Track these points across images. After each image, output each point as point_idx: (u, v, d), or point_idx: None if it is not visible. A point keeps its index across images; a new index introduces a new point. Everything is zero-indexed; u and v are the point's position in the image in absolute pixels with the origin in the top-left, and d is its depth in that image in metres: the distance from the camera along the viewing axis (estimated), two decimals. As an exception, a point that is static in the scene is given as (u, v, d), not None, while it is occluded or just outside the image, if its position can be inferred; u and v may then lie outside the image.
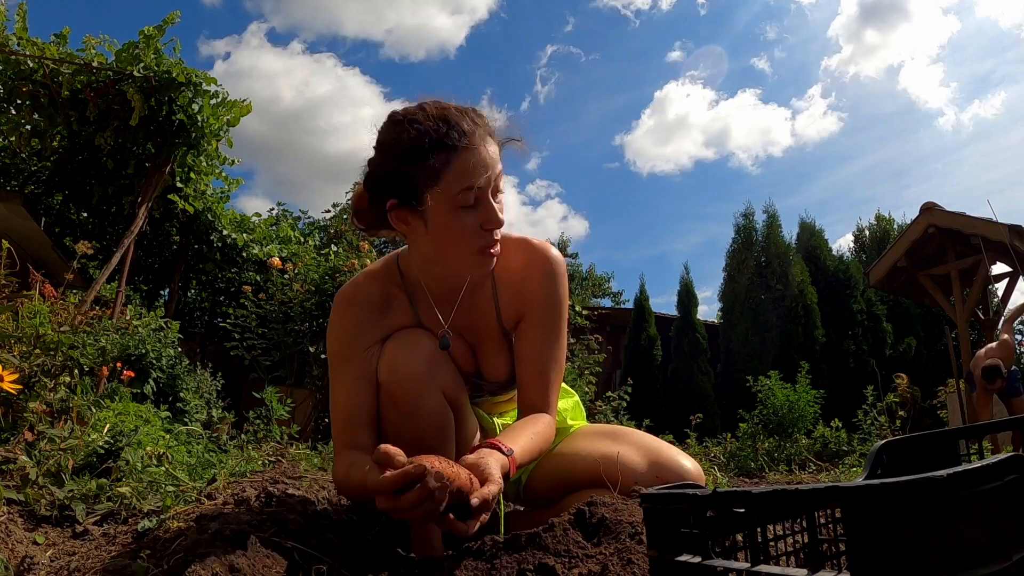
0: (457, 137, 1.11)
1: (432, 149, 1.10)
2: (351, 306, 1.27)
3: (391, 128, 1.16)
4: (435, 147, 1.10)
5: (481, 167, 1.12)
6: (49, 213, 7.17)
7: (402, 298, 1.29)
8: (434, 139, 1.11)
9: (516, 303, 1.31)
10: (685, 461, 1.26)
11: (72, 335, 2.62)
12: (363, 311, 1.25)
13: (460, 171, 1.11)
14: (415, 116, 1.13)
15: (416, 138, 1.11)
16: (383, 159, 1.16)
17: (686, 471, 1.24)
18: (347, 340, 1.24)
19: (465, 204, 1.12)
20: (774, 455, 5.01)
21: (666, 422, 7.10)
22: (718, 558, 0.68)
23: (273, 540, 1.14)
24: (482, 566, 1.04)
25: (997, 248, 6.13)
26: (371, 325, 1.25)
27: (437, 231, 1.15)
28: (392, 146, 1.14)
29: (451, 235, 1.15)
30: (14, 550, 1.27)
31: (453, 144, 1.10)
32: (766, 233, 12.31)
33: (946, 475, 0.52)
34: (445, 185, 1.11)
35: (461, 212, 1.13)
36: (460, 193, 1.11)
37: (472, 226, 1.14)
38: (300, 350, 5.03)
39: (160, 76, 5.43)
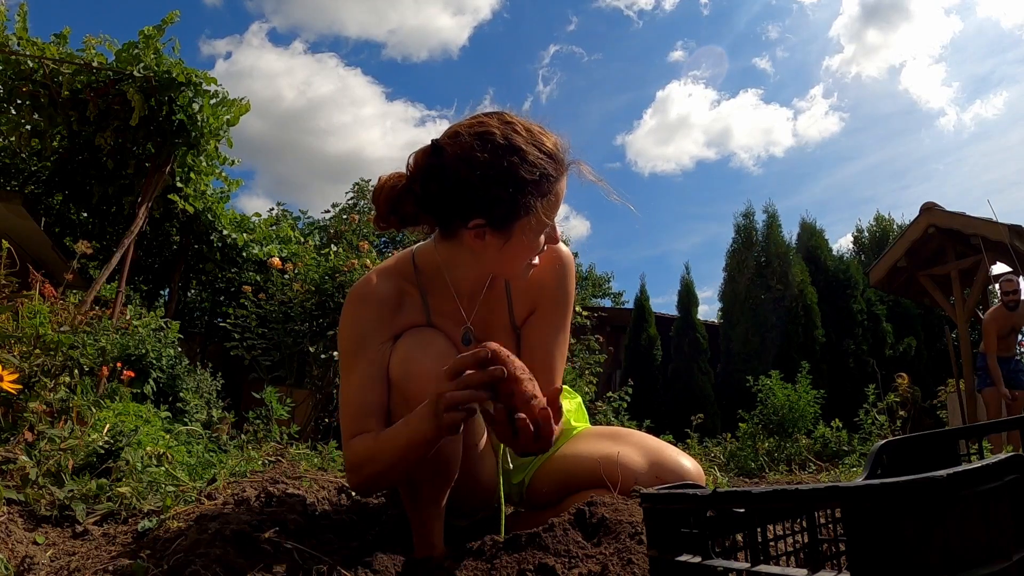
0: (561, 175, 1.17)
1: (543, 185, 1.14)
2: (365, 303, 1.27)
3: (503, 156, 1.12)
4: (544, 183, 1.14)
5: (559, 198, 1.19)
6: (49, 213, 7.17)
7: (414, 294, 1.30)
8: (546, 175, 1.14)
9: (527, 298, 1.35)
10: (685, 461, 1.27)
11: (72, 335, 2.62)
12: (377, 308, 1.26)
13: (555, 203, 1.18)
14: (531, 145, 1.14)
15: (534, 174, 1.12)
16: (486, 185, 1.12)
17: (686, 471, 1.25)
18: (360, 336, 1.24)
19: (545, 228, 1.19)
20: (774, 455, 5.01)
21: (666, 422, 7.10)
22: (718, 558, 0.68)
23: (273, 540, 1.14)
24: (482, 566, 1.04)
25: (997, 248, 6.13)
26: (384, 322, 1.25)
27: (511, 250, 1.19)
28: (504, 177, 1.12)
29: (519, 254, 1.20)
30: (14, 550, 1.27)
31: (556, 177, 1.16)
32: (766, 233, 12.31)
33: (946, 475, 0.52)
34: (541, 215, 1.16)
35: (538, 235, 1.19)
36: (547, 222, 1.18)
37: (536, 246, 1.21)
38: (300, 350, 5.03)
39: (160, 76, 5.42)
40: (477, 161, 1.11)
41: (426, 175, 1.16)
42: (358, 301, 1.27)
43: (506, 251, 1.18)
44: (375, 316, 1.25)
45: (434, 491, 1.23)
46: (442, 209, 1.18)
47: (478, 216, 1.14)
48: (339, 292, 5.03)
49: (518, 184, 1.12)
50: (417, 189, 1.18)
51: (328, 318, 5.01)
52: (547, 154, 1.15)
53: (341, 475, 2.07)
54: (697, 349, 11.87)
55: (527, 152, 1.12)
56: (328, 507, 1.45)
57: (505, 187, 1.12)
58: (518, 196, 1.12)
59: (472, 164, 1.12)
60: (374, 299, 1.26)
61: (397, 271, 1.31)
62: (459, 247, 1.23)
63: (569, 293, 1.37)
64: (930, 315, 11.68)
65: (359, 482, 1.19)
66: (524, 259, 1.21)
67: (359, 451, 1.17)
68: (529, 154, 1.12)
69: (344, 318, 1.28)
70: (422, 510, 1.24)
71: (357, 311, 1.26)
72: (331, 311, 5.03)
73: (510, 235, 1.16)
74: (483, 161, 1.11)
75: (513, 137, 1.13)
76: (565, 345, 1.37)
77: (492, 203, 1.13)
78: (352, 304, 1.28)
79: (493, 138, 1.12)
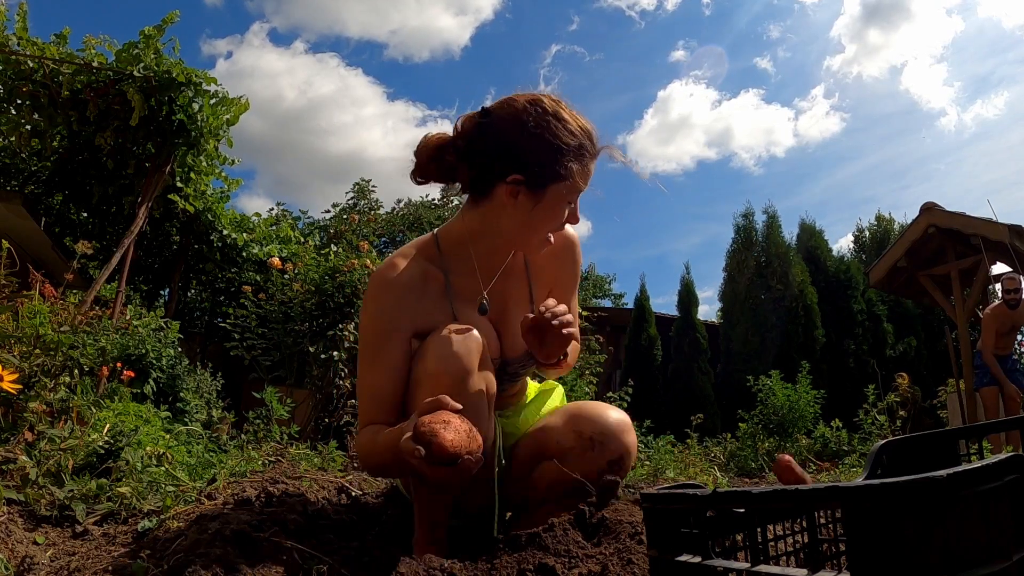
0: (595, 153, 1.27)
1: (581, 155, 1.24)
2: (388, 289, 1.29)
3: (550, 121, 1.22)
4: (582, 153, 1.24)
5: (589, 175, 1.29)
6: (49, 213, 7.16)
7: (437, 276, 1.34)
8: (584, 146, 1.25)
9: (545, 275, 1.45)
10: (609, 412, 1.33)
11: (72, 335, 2.62)
12: (400, 295, 1.28)
13: (584, 177, 1.27)
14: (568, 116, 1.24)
15: (575, 141, 1.23)
16: (535, 139, 1.21)
17: (605, 419, 1.30)
18: (383, 323, 1.26)
19: (571, 201, 1.28)
20: (774, 455, 5.01)
21: (666, 422, 7.10)
22: (718, 558, 0.68)
23: (273, 540, 1.14)
24: (482, 566, 1.04)
25: (997, 248, 6.12)
26: (406, 310, 1.27)
27: (540, 215, 1.26)
28: (549, 138, 1.22)
29: (545, 221, 1.27)
30: (14, 550, 1.27)
31: (591, 156, 1.27)
32: (766, 233, 12.31)
33: (946, 475, 0.52)
34: (571, 184, 1.24)
35: (565, 207, 1.28)
36: (574, 195, 1.27)
37: (561, 219, 1.29)
38: (300, 350, 5.03)
39: (160, 76, 5.42)
40: (524, 121, 1.21)
41: (473, 132, 1.26)
42: (382, 287, 1.29)
43: (535, 214, 1.25)
44: (398, 305, 1.27)
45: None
46: (483, 163, 1.25)
47: (517, 172, 1.22)
48: (339, 292, 5.03)
49: (559, 147, 1.21)
50: (460, 144, 1.27)
51: (328, 318, 5.01)
52: (586, 129, 1.26)
53: (341, 475, 2.07)
54: (697, 349, 11.87)
55: (570, 121, 1.23)
56: (328, 507, 1.45)
57: (547, 148, 1.21)
58: (558, 157, 1.21)
59: (519, 123, 1.22)
60: (398, 286, 1.28)
61: (420, 252, 1.35)
62: (488, 210, 1.29)
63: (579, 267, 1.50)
64: (930, 315, 11.67)
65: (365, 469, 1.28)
66: (547, 228, 1.28)
67: (363, 443, 1.23)
68: (571, 123, 1.23)
69: (367, 304, 1.31)
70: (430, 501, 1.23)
71: (380, 299, 1.29)
72: (331, 311, 5.03)
73: (542, 197, 1.24)
74: (530, 122, 1.21)
75: (560, 107, 1.24)
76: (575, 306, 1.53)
77: (533, 161, 1.22)
78: (375, 290, 1.30)
79: (542, 104, 1.23)
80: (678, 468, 3.55)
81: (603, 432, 1.27)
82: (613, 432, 1.28)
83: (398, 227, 16.76)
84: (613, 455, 1.27)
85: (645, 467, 3.39)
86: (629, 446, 1.30)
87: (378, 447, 1.17)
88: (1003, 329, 5.47)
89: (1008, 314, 5.44)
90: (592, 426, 1.28)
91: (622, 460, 1.28)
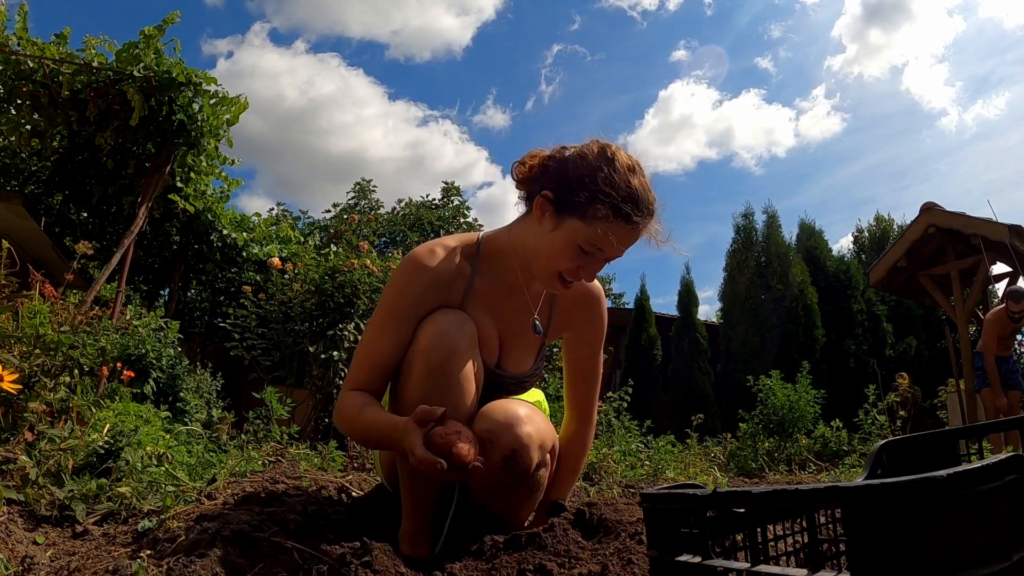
0: (631, 216, 1.26)
1: (614, 207, 1.24)
2: (420, 273, 1.33)
3: (606, 161, 1.28)
4: (616, 207, 1.24)
5: (623, 243, 1.28)
6: (49, 213, 7.15)
7: (466, 272, 1.38)
8: (617, 203, 1.25)
9: (567, 317, 1.50)
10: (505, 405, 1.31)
11: (72, 335, 2.62)
12: (429, 280, 1.33)
13: (608, 234, 1.25)
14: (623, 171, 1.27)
15: (615, 193, 1.25)
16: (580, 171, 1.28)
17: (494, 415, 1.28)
18: (405, 302, 1.31)
19: (585, 250, 1.27)
20: (774, 455, 5.01)
21: (666, 422, 7.10)
22: (718, 558, 0.68)
23: (273, 540, 1.14)
24: (482, 566, 1.04)
25: (997, 248, 6.12)
26: (429, 296, 1.32)
27: (551, 242, 1.29)
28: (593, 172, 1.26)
29: (553, 253, 1.29)
30: (14, 550, 1.27)
31: (625, 217, 1.25)
32: (766, 233, 12.31)
33: (946, 475, 0.52)
34: (590, 229, 1.25)
35: (577, 250, 1.27)
36: (591, 244, 1.26)
37: (572, 262, 1.29)
38: (300, 350, 5.03)
39: (160, 76, 5.42)
40: (585, 155, 1.29)
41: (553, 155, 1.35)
42: (416, 269, 1.34)
43: (551, 239, 1.29)
44: (424, 291, 1.32)
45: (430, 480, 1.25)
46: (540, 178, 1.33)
47: (553, 189, 1.29)
48: (339, 292, 5.03)
49: (597, 188, 1.25)
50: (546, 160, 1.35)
51: (328, 318, 5.01)
52: (632, 189, 1.26)
53: (341, 475, 2.07)
54: (697, 349, 11.86)
55: (619, 174, 1.26)
56: (328, 507, 1.45)
57: (587, 182, 1.26)
58: (591, 195, 1.25)
59: (582, 156, 1.30)
60: (431, 273, 1.33)
61: (461, 248, 1.40)
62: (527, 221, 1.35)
63: (605, 324, 1.54)
64: (930, 315, 11.67)
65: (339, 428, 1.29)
66: (555, 260, 1.29)
67: (347, 407, 1.26)
68: (619, 176, 1.26)
69: (396, 278, 1.35)
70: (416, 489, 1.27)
71: (411, 278, 1.33)
72: (331, 311, 5.02)
73: (560, 224, 1.27)
74: (586, 160, 1.28)
75: (618, 159, 1.28)
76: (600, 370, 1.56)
77: (569, 187, 1.27)
78: (409, 269, 1.34)
79: (606, 152, 1.29)
80: (678, 468, 3.55)
81: (490, 430, 1.24)
82: (501, 427, 1.25)
83: (399, 227, 16.76)
84: (505, 451, 1.23)
85: (645, 467, 3.39)
86: (522, 438, 1.25)
87: (363, 422, 1.22)
88: (1004, 332, 5.46)
89: (1010, 322, 5.44)
90: (483, 423, 1.26)
91: (516, 454, 1.24)
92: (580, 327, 1.51)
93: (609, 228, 1.25)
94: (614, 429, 4.71)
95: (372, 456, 2.68)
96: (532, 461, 1.27)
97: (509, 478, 1.26)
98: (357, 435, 1.29)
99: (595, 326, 1.52)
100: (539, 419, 1.35)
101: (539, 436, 1.30)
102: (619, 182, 1.25)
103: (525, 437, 1.26)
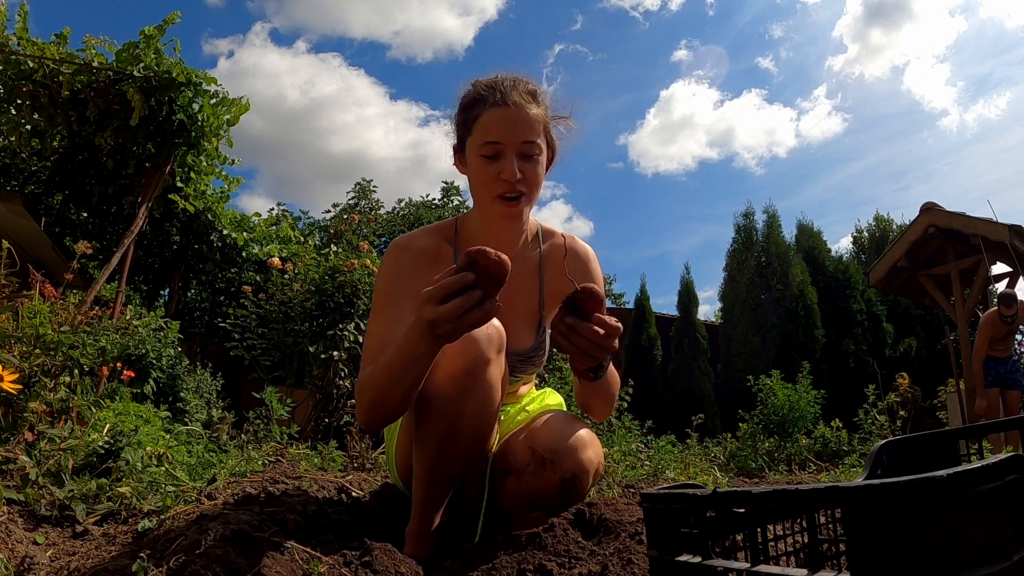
0: (488, 95, 1.30)
1: (471, 104, 1.32)
2: (405, 251, 1.39)
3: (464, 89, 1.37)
4: (473, 102, 1.32)
5: (505, 124, 1.28)
6: (49, 213, 7.15)
7: (448, 252, 1.41)
8: (473, 96, 1.33)
9: (559, 279, 1.45)
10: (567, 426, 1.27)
11: (72, 335, 2.62)
12: (414, 257, 1.37)
13: (485, 124, 1.29)
14: (477, 80, 1.35)
15: (465, 95, 1.35)
16: (456, 111, 1.38)
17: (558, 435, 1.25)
18: (396, 281, 1.35)
19: (485, 154, 1.29)
20: (774, 455, 5.01)
21: (666, 422, 7.10)
22: (718, 558, 0.68)
23: (273, 540, 1.14)
24: (482, 566, 1.04)
25: (997, 248, 6.13)
26: (420, 270, 1.35)
27: (470, 175, 1.35)
28: (460, 102, 1.37)
29: (476, 179, 1.33)
30: (14, 550, 1.27)
31: (484, 100, 1.30)
32: (766, 233, 12.32)
33: (946, 475, 0.52)
34: (475, 135, 1.31)
35: (485, 161, 1.30)
36: (483, 144, 1.29)
37: (491, 174, 1.30)
38: (300, 350, 5.03)
39: (160, 76, 5.42)
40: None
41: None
42: (399, 249, 1.40)
43: (469, 173, 1.35)
44: (412, 264, 1.36)
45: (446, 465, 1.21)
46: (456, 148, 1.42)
47: (455, 142, 1.39)
48: (339, 292, 5.03)
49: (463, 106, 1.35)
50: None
51: (328, 318, 5.01)
52: (491, 80, 1.33)
53: (341, 475, 2.07)
54: (697, 349, 11.87)
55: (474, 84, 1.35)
56: (328, 507, 1.45)
57: (459, 111, 1.36)
58: (463, 114, 1.34)
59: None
60: (414, 248, 1.39)
61: (438, 230, 1.45)
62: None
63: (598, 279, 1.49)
64: (930, 315, 11.68)
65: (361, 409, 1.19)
66: (484, 189, 1.32)
67: (363, 378, 1.21)
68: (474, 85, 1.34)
69: (384, 263, 1.39)
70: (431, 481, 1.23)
71: (397, 258, 1.38)
72: (331, 311, 5.03)
73: (465, 157, 1.35)
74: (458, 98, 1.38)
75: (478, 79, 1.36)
76: None
77: (455, 128, 1.37)
78: (393, 252, 1.40)
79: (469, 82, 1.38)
80: (678, 468, 3.55)
81: (555, 450, 1.22)
82: (566, 449, 1.22)
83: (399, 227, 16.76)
84: (565, 474, 1.21)
85: (645, 467, 3.39)
86: (584, 463, 1.22)
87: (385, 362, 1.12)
88: (998, 335, 5.45)
89: (1003, 325, 5.44)
90: (545, 442, 1.23)
91: (575, 479, 1.22)
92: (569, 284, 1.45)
93: (487, 121, 1.29)
94: (614, 429, 4.71)
95: (374, 456, 2.68)
96: (588, 486, 1.26)
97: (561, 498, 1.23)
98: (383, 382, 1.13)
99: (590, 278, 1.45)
100: (597, 441, 1.32)
101: (598, 460, 1.28)
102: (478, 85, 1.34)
103: (587, 462, 1.23)
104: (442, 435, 1.18)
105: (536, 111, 1.31)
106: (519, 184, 1.30)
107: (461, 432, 1.18)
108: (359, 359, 5.21)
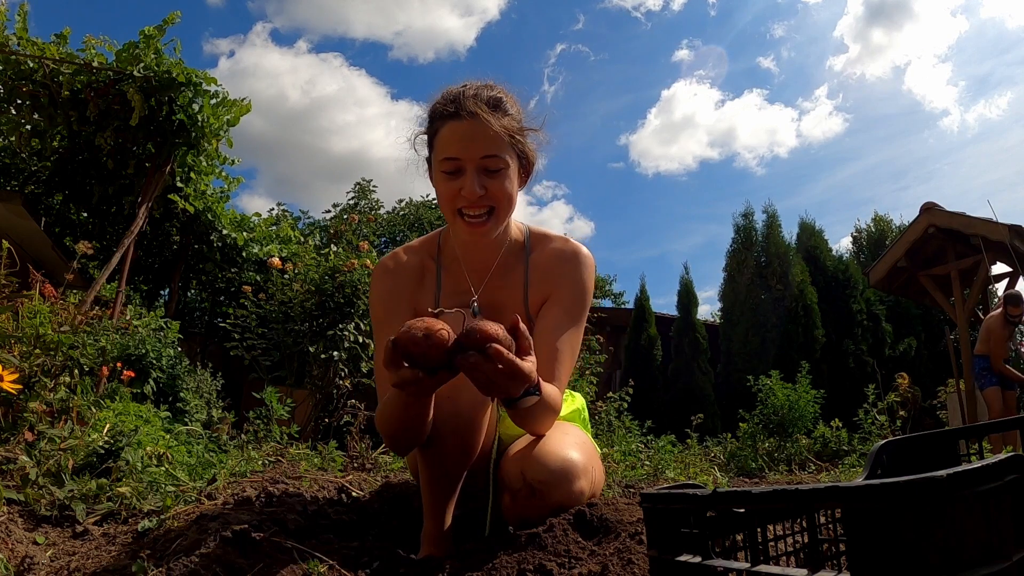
0: (445, 108, 1.24)
1: (432, 118, 1.28)
2: (386, 274, 1.41)
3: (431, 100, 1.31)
4: (432, 116, 1.28)
5: (463, 139, 1.22)
6: (49, 213, 7.16)
7: (432, 269, 1.42)
8: (432, 109, 1.28)
9: (544, 286, 1.39)
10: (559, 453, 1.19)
11: (72, 335, 2.62)
12: (397, 279, 1.39)
13: (444, 139, 1.24)
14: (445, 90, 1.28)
15: (430, 107, 1.29)
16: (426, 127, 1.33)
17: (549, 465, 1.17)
18: (384, 305, 1.38)
19: (446, 171, 1.24)
20: (774, 455, 5.01)
21: (666, 422, 7.09)
22: (718, 558, 0.68)
23: (273, 540, 1.14)
24: (482, 566, 1.04)
25: (997, 248, 6.13)
26: (405, 293, 1.38)
27: (436, 191, 1.31)
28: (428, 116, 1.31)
29: (439, 196, 1.30)
30: (14, 550, 1.27)
31: (442, 113, 1.24)
32: (766, 233, 12.32)
33: (946, 475, 0.52)
34: (436, 150, 1.27)
35: (446, 177, 1.25)
36: (443, 160, 1.24)
37: (453, 191, 1.24)
38: (300, 350, 5.03)
39: (160, 76, 5.42)
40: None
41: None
42: (384, 273, 1.41)
43: (436, 192, 1.31)
44: (398, 287, 1.38)
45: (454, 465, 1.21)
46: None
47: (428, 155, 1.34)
48: (339, 292, 5.03)
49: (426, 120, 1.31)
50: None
51: (328, 318, 5.01)
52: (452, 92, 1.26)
53: (341, 475, 2.07)
54: (697, 349, 11.87)
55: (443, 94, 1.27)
56: (328, 507, 1.45)
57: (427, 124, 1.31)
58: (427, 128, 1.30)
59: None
60: (400, 270, 1.40)
61: (422, 247, 1.45)
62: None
63: (585, 287, 1.38)
64: (930, 315, 11.67)
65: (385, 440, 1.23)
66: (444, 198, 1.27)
67: (377, 413, 1.23)
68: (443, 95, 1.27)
69: (372, 288, 1.42)
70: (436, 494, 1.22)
71: (383, 282, 1.40)
72: (331, 311, 5.03)
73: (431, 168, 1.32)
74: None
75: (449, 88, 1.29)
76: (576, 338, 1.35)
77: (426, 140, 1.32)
78: (378, 276, 1.42)
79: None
80: (678, 468, 3.55)
81: (544, 481, 1.15)
82: (555, 481, 1.16)
83: (399, 227, 16.76)
84: (554, 505, 1.15)
85: (645, 467, 3.39)
86: (573, 496, 1.16)
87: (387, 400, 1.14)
88: (1007, 336, 5.48)
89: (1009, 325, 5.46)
90: (534, 472, 1.17)
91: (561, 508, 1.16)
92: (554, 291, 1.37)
93: (445, 136, 1.23)
94: (614, 429, 4.71)
95: (374, 456, 2.68)
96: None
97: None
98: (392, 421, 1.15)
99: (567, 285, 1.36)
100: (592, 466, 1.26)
101: (591, 489, 1.22)
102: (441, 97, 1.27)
103: (577, 494, 1.17)
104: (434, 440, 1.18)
105: (500, 122, 1.22)
106: (483, 200, 1.23)
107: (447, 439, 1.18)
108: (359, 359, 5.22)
